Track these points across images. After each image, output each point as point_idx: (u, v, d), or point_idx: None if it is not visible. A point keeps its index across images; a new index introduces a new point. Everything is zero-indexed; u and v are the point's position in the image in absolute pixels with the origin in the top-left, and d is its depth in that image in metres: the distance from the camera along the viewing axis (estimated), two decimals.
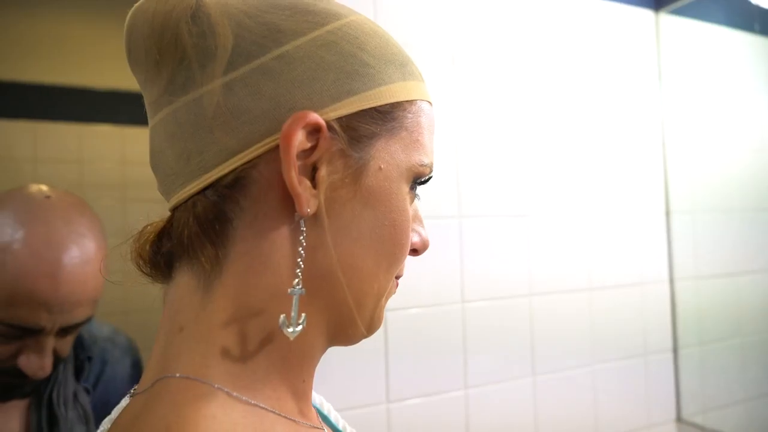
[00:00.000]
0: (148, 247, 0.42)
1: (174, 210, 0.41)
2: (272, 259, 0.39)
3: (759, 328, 1.47)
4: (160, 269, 0.43)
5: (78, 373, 0.96)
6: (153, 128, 0.41)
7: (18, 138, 2.06)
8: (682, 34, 1.49)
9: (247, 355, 0.39)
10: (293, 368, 0.41)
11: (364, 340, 0.45)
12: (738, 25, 1.48)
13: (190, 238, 0.39)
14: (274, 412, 0.39)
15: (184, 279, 0.40)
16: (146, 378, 0.40)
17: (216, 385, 0.37)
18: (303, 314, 0.38)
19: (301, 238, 0.38)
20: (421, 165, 0.42)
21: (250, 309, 0.39)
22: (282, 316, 0.37)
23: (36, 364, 0.81)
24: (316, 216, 0.38)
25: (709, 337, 1.46)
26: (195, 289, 0.39)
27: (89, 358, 0.98)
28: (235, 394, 0.37)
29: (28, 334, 0.79)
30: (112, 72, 2.20)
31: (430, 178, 0.44)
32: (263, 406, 0.38)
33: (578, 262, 1.30)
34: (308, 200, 0.37)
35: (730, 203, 1.50)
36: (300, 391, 0.42)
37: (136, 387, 0.42)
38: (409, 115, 0.41)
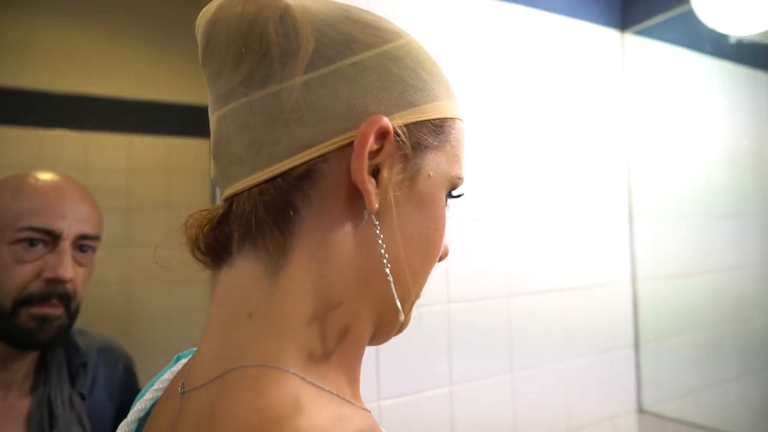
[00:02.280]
0: (208, 230, 0.44)
1: (233, 197, 0.43)
2: (338, 251, 0.41)
3: (711, 323, 1.59)
4: (216, 254, 0.44)
5: (73, 379, 1.00)
6: (221, 117, 0.43)
7: (23, 145, 2.05)
8: (645, 54, 1.60)
9: (320, 344, 0.41)
10: (351, 356, 0.44)
11: None
12: (693, 47, 1.60)
13: (258, 225, 0.41)
14: (339, 396, 0.40)
15: (248, 265, 0.42)
16: (205, 367, 0.42)
17: (291, 371, 0.38)
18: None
19: (377, 231, 0.41)
20: (459, 177, 0.47)
21: (327, 299, 0.41)
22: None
23: (58, 263, 0.92)
24: (377, 213, 0.41)
25: (667, 333, 1.57)
26: (261, 276, 0.41)
27: (84, 365, 1.01)
28: (309, 379, 0.39)
29: (49, 240, 0.92)
30: (116, 80, 2.21)
31: (462, 192, 0.48)
32: (329, 389, 0.40)
33: (552, 265, 1.39)
34: (375, 197, 0.40)
35: (686, 210, 1.61)
36: (352, 378, 0.44)
37: (183, 382, 0.44)
38: (453, 131, 0.46)
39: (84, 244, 0.97)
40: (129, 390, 1.08)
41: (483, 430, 1.24)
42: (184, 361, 0.53)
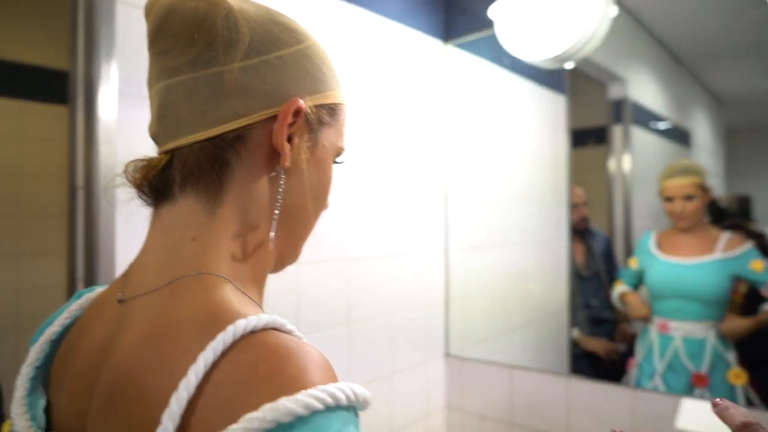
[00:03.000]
0: (153, 176, 0.53)
1: (173, 151, 0.52)
2: (259, 195, 0.53)
3: (502, 286, 1.92)
4: (159, 195, 0.54)
5: None
6: (168, 86, 0.52)
7: None
8: (463, 64, 1.89)
9: (241, 252, 0.53)
10: (261, 271, 0.56)
11: None
12: (502, 64, 1.91)
13: (200, 173, 0.51)
14: (255, 302, 0.52)
15: (189, 203, 0.52)
16: (149, 278, 0.51)
17: (225, 277, 0.50)
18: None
19: (281, 182, 0.54)
20: (342, 148, 0.61)
21: (243, 231, 0.53)
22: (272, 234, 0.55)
23: None
24: (288, 169, 0.54)
25: (469, 294, 1.89)
26: (201, 211, 0.52)
27: None
28: (237, 285, 0.50)
29: None
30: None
31: (344, 160, 0.63)
32: (250, 296, 0.52)
33: (383, 235, 1.63)
34: (288, 157, 0.53)
35: (488, 194, 1.92)
36: (261, 294, 0.56)
37: (120, 295, 0.52)
38: (341, 113, 0.60)
39: None
40: None
41: None
42: (89, 294, 0.61)
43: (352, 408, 0.44)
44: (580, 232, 1.90)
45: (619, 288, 1.73)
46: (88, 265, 1.04)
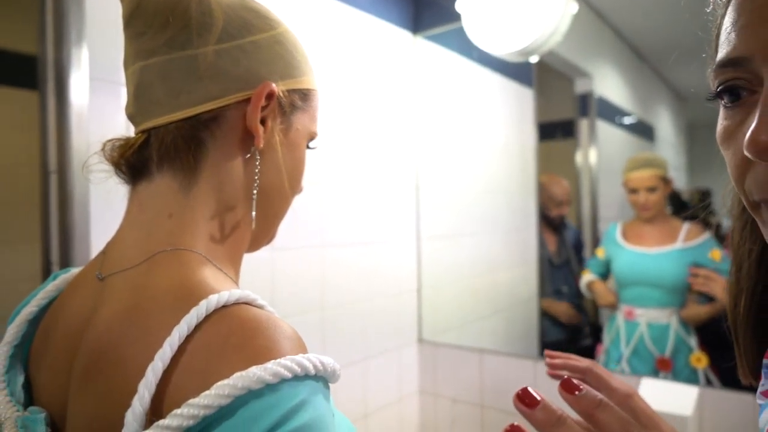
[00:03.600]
0: (130, 154, 0.54)
1: (149, 130, 0.54)
2: (233, 175, 0.55)
3: (472, 274, 1.96)
4: (137, 172, 0.55)
5: None
6: (144, 67, 0.54)
7: None
8: (432, 55, 1.93)
9: (219, 232, 0.55)
10: (237, 249, 0.57)
11: None
12: (471, 57, 1.94)
13: (177, 152, 0.53)
14: (230, 278, 0.54)
15: (166, 181, 0.54)
16: (128, 255, 0.52)
17: (201, 253, 0.52)
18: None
19: (257, 162, 0.56)
20: (315, 133, 0.63)
21: (219, 209, 0.55)
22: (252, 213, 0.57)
23: None
24: (262, 150, 0.56)
25: (441, 281, 1.93)
26: (178, 189, 0.53)
27: None
28: (213, 261, 0.52)
29: None
30: None
31: (317, 144, 0.66)
32: (226, 272, 0.54)
33: (357, 223, 1.65)
34: (262, 138, 0.55)
35: (458, 184, 1.96)
36: (236, 271, 0.58)
37: (99, 271, 0.53)
38: (314, 99, 0.62)
39: None
40: None
41: None
42: (64, 276, 0.62)
43: (321, 378, 0.45)
44: (555, 223, 1.95)
45: (587, 277, 1.79)
46: (63, 251, 1.04)
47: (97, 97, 1.07)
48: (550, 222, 1.93)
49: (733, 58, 0.41)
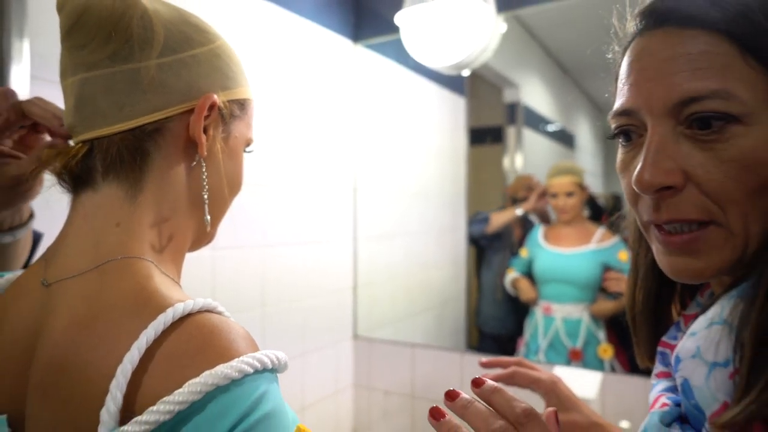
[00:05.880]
0: (74, 164, 0.55)
1: (92, 141, 0.55)
2: (176, 184, 0.57)
3: (405, 273, 2.05)
4: (80, 182, 0.56)
5: None
6: (85, 79, 0.55)
7: None
8: (372, 64, 1.99)
9: (158, 241, 0.57)
10: (180, 257, 0.61)
11: None
12: (402, 62, 2.02)
13: (122, 162, 0.55)
14: (177, 283, 0.58)
15: (112, 191, 0.55)
16: (73, 263, 0.53)
17: (149, 260, 0.54)
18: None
19: (203, 170, 0.59)
20: (251, 139, 0.67)
21: (163, 216, 0.57)
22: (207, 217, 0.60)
23: None
24: (205, 159, 0.59)
25: (376, 280, 2.00)
26: (123, 198, 0.55)
27: None
28: (160, 268, 0.55)
29: None
30: None
31: (253, 149, 0.68)
32: (171, 276, 0.57)
33: (297, 223, 1.70)
34: (205, 147, 0.57)
35: (392, 187, 2.03)
36: (178, 273, 0.61)
37: (44, 279, 0.55)
38: (250, 108, 0.65)
39: None
40: None
41: None
42: (8, 276, 0.62)
43: (274, 370, 0.52)
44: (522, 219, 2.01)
45: (511, 275, 1.91)
46: None
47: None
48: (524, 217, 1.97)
49: (625, 109, 0.52)
